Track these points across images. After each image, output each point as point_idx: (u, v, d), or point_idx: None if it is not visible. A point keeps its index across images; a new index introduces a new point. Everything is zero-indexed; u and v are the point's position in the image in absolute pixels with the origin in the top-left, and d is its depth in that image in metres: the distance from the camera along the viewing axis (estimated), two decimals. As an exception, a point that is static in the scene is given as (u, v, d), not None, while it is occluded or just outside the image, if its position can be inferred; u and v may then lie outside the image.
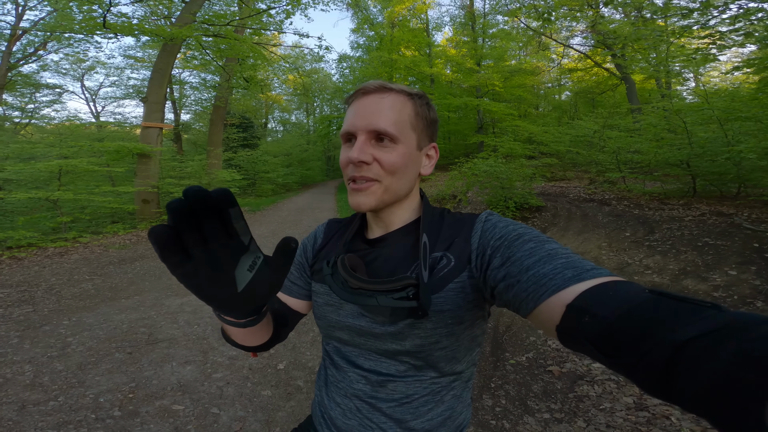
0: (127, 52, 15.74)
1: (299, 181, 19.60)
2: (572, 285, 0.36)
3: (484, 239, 0.50)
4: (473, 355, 0.57)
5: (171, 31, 7.18)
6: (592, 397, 1.85)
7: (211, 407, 1.88)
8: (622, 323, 0.30)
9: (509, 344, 2.48)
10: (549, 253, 0.41)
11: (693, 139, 5.15)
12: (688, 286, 2.89)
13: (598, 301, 0.33)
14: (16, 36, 10.39)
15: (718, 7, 4.93)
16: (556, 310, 0.36)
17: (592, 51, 13.37)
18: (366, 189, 0.53)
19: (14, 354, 2.36)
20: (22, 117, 14.28)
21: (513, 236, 0.47)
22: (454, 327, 0.50)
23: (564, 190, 7.05)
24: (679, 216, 4.35)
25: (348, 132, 0.54)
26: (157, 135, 7.87)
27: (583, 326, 0.32)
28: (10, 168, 6.53)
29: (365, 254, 0.58)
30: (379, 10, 16.38)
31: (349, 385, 0.57)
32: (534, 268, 0.40)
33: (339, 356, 0.59)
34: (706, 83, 14.22)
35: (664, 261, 3.40)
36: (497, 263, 0.45)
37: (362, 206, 0.54)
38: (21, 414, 1.77)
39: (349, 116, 0.55)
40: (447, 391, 0.55)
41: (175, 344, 2.55)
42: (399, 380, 0.53)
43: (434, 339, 0.50)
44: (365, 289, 0.48)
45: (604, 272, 0.37)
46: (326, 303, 0.59)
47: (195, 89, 15.56)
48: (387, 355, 0.54)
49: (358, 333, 0.55)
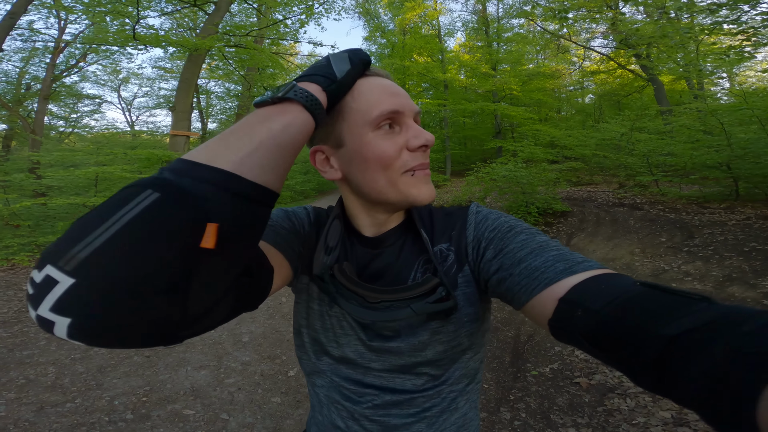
0: (157, 63, 16.71)
1: (316, 188, 19.88)
2: (564, 278, 0.35)
3: (478, 231, 0.48)
4: (482, 351, 0.54)
5: (195, 42, 7.53)
6: (623, 411, 1.71)
7: (221, 413, 1.85)
8: (614, 317, 0.29)
9: (531, 354, 2.34)
10: (540, 245, 0.40)
11: (732, 140, 4.85)
12: (734, 294, 2.69)
13: (591, 294, 0.32)
14: (59, 48, 11.21)
15: (748, 2, 4.61)
16: (548, 303, 0.35)
17: (614, 53, 12.92)
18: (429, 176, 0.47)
19: (40, 356, 2.43)
20: (66, 126, 15.37)
21: (505, 228, 0.45)
22: (472, 325, 0.48)
23: (591, 195, 6.75)
24: (721, 220, 4.05)
25: (395, 111, 0.43)
26: (185, 143, 8.19)
27: (576, 320, 0.32)
28: (53, 175, 6.97)
29: (362, 255, 0.51)
30: (390, 17, 16.58)
31: (355, 405, 0.49)
32: (526, 260, 0.39)
33: (338, 376, 0.50)
34: (742, 83, 13.42)
35: (706, 267, 3.15)
36: (490, 255, 0.44)
37: (433, 196, 0.47)
38: (38, 415, 1.79)
39: (384, 94, 0.43)
40: (462, 397, 0.51)
41: (191, 348, 2.55)
42: (417, 395, 0.48)
43: (456, 342, 0.47)
44: (390, 300, 0.43)
45: (595, 265, 0.37)
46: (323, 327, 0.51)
47: (220, 99, 16.21)
48: (403, 370, 0.48)
49: (370, 349, 0.48)
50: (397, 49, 15.27)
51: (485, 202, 6.68)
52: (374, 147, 0.43)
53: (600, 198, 6.39)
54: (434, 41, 15.05)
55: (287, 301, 3.49)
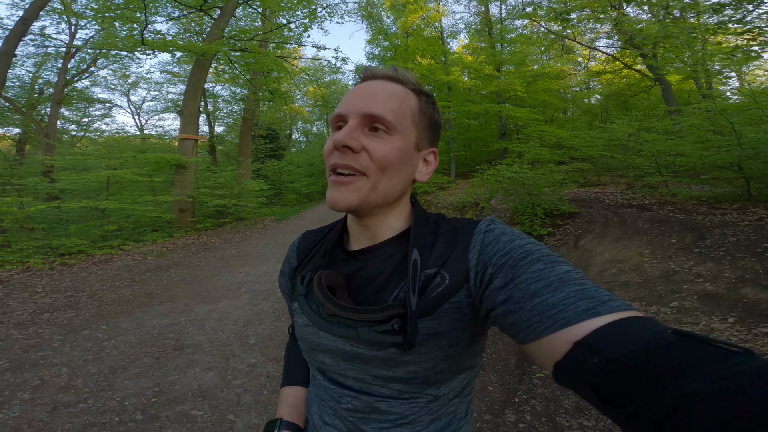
0: (165, 67, 16.94)
1: (321, 191, 19.99)
2: (585, 320, 0.32)
3: (484, 254, 0.43)
4: (474, 371, 0.51)
5: (202, 46, 7.65)
6: None
7: (228, 414, 1.87)
8: (631, 367, 0.26)
9: (539, 358, 2.31)
10: (560, 278, 0.36)
11: (743, 140, 4.78)
12: (747, 295, 2.63)
13: (612, 341, 0.29)
14: (70, 54, 11.46)
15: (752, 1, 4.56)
16: (560, 346, 0.32)
17: (620, 53, 12.79)
18: (349, 183, 0.45)
19: (54, 357, 2.48)
20: (78, 130, 15.68)
21: (519, 254, 0.40)
22: (451, 349, 0.44)
23: (599, 196, 6.68)
24: (733, 221, 3.97)
25: (339, 114, 0.47)
26: (193, 147, 8.30)
27: (588, 368, 0.29)
28: (66, 178, 7.11)
29: (345, 265, 0.51)
30: (392, 20, 16.62)
31: (338, 405, 0.50)
32: (541, 294, 0.35)
33: (324, 377, 0.52)
34: (751, 82, 13.19)
35: (718, 269, 3.10)
36: (498, 284, 0.39)
37: (339, 203, 0.45)
38: (52, 415, 1.83)
39: (344, 99, 0.48)
40: (445, 409, 0.48)
41: (200, 350, 2.58)
42: (394, 400, 0.47)
43: (430, 364, 0.44)
44: (343, 317, 0.42)
45: (621, 305, 0.33)
46: (305, 323, 0.51)
47: (227, 102, 16.42)
48: (378, 380, 0.47)
49: (343, 357, 0.47)
50: (400, 51, 15.28)
51: (490, 204, 6.65)
52: (325, 145, 0.49)
53: (608, 199, 6.32)
54: (437, 43, 15.04)
55: (293, 303, 3.52)
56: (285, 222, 9.95)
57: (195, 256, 5.84)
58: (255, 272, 4.74)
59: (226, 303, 3.60)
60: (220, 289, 4.06)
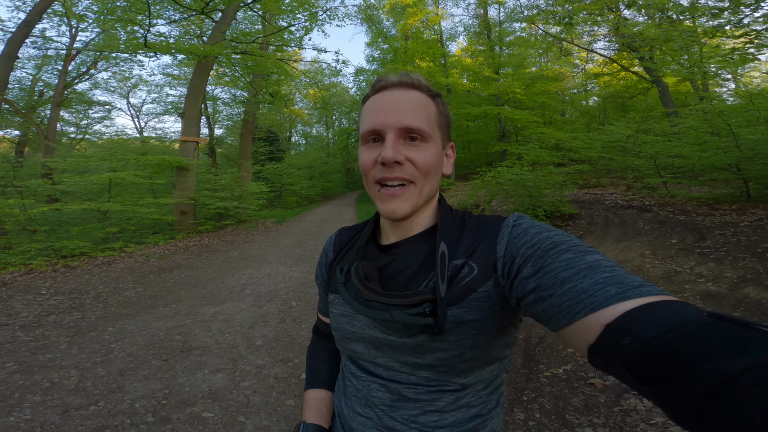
0: (166, 70, 16.99)
1: (321, 193, 20.00)
2: (614, 304, 0.32)
3: (512, 246, 0.45)
4: (504, 363, 0.53)
5: (204, 49, 7.66)
6: (641, 411, 1.70)
7: (238, 415, 1.88)
8: (668, 347, 0.26)
9: (543, 356, 2.34)
10: (590, 266, 0.37)
11: (740, 141, 4.84)
12: (749, 295, 2.67)
13: (644, 322, 0.29)
14: (70, 56, 11.42)
15: (749, 5, 4.64)
16: (592, 329, 0.33)
17: (617, 55, 12.91)
18: (402, 194, 0.49)
19: (62, 359, 2.48)
20: (77, 132, 15.65)
21: (548, 245, 0.42)
22: (479, 338, 0.46)
23: (599, 197, 6.73)
24: (733, 221, 4.03)
25: (374, 130, 0.50)
26: (194, 149, 8.30)
27: (622, 349, 0.29)
28: (68, 180, 7.09)
29: (377, 259, 0.55)
30: (392, 23, 16.75)
31: (368, 393, 0.53)
32: (571, 281, 0.36)
33: (356, 366, 0.56)
34: (747, 84, 13.31)
35: (719, 269, 3.14)
36: (527, 273, 0.41)
37: (398, 213, 0.50)
38: (63, 418, 1.84)
39: (371, 112, 0.51)
40: (474, 399, 0.50)
41: (207, 352, 2.59)
42: (421, 388, 0.49)
43: (458, 352, 0.46)
44: (378, 301, 0.45)
45: (653, 290, 0.33)
46: (341, 313, 0.56)
47: (227, 105, 16.44)
48: (407, 367, 0.50)
49: (375, 344, 0.52)
50: (400, 54, 15.37)
51: (491, 206, 6.69)
52: (360, 158, 0.52)
53: (608, 200, 6.37)
54: (436, 46, 15.13)
55: (297, 305, 3.53)
56: (286, 224, 9.94)
57: (197, 258, 5.84)
58: (258, 274, 4.75)
59: (230, 305, 3.61)
60: (224, 291, 4.06)
